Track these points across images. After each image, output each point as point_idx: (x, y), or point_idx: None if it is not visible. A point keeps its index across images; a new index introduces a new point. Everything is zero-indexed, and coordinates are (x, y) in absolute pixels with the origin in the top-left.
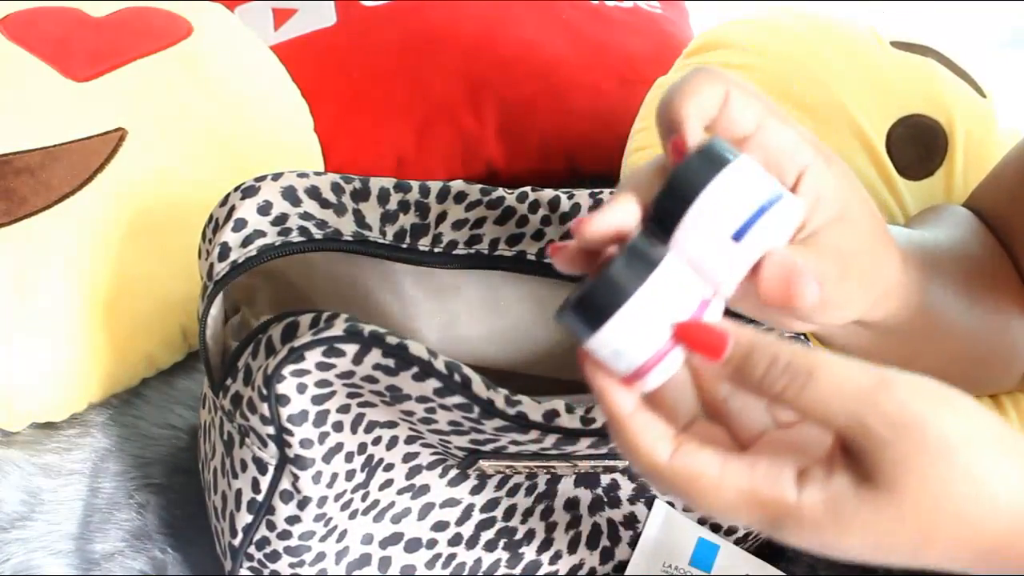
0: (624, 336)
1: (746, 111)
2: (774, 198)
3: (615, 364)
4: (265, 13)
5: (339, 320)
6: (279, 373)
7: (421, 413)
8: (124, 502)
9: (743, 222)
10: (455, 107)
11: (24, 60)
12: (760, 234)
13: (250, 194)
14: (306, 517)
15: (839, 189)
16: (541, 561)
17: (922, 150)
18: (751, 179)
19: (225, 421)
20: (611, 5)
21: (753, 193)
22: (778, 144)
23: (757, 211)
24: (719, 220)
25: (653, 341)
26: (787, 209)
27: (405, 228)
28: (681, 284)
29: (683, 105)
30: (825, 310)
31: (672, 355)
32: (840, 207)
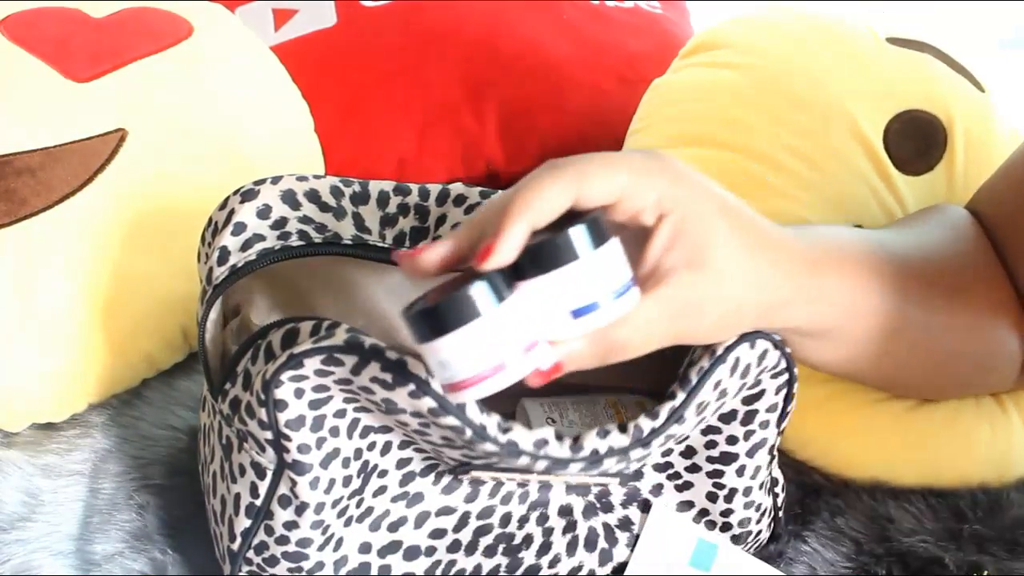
0: (452, 353)
1: (600, 198)
2: (620, 290)
3: (439, 372)
4: (265, 13)
5: (340, 330)
6: (278, 378)
7: (415, 426)
8: (124, 503)
9: (584, 305)
10: (455, 107)
11: (24, 60)
12: (595, 319)
13: (249, 198)
14: (304, 523)
15: (696, 234)
16: (540, 565)
17: (921, 145)
18: (607, 267)
19: (224, 425)
20: (611, 5)
21: (603, 282)
22: (637, 206)
23: (598, 302)
24: (566, 296)
25: (476, 364)
26: (625, 304)
27: (405, 231)
28: (516, 324)
29: (514, 219)
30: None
31: (489, 382)
32: (693, 251)
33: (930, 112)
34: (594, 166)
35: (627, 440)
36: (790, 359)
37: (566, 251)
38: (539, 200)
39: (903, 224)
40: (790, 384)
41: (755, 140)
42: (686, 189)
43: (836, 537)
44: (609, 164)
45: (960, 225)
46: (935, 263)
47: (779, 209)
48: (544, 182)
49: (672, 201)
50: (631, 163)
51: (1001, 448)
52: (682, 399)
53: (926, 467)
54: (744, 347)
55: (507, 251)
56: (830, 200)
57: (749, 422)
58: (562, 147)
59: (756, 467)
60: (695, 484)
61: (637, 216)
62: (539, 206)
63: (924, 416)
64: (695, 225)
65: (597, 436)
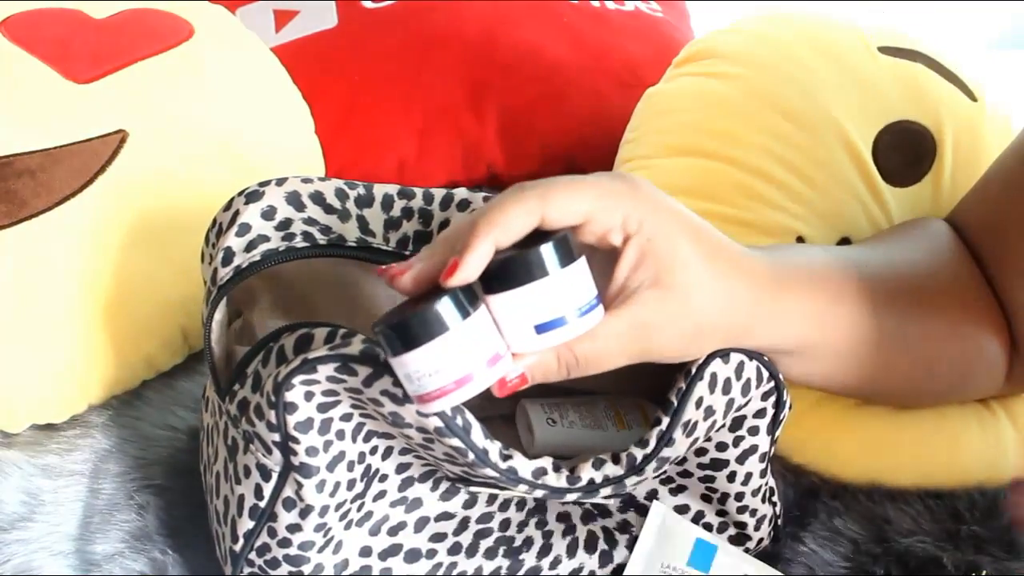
0: (420, 366)
1: (565, 220)
2: (584, 308)
3: (407, 384)
4: (266, 15)
5: (356, 339)
6: (289, 382)
7: (419, 440)
8: (124, 503)
9: (548, 321)
10: (456, 109)
11: (25, 62)
12: (559, 335)
13: (254, 199)
14: (307, 526)
15: (662, 254)
16: (541, 566)
17: (910, 156)
18: (573, 285)
19: (230, 426)
20: (612, 8)
21: (568, 300)
22: (603, 227)
23: (563, 318)
24: (531, 312)
25: (443, 377)
26: (589, 321)
27: (408, 235)
28: (482, 337)
29: (480, 237)
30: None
31: (455, 394)
32: (658, 271)
33: (920, 123)
34: (558, 189)
35: (621, 470)
36: (771, 367)
37: (533, 268)
38: (504, 220)
39: (881, 238)
40: (778, 391)
41: (746, 151)
42: (652, 211)
43: (834, 538)
44: (574, 188)
45: (938, 237)
46: (912, 276)
47: (769, 221)
48: (509, 203)
49: (638, 223)
50: (597, 187)
51: (991, 449)
52: (667, 422)
53: (919, 468)
54: (717, 362)
55: (471, 268)
56: (820, 212)
57: (737, 428)
58: (562, 149)
59: (747, 473)
60: (688, 487)
61: (605, 237)
62: (504, 225)
63: (913, 419)
64: (661, 245)
65: (592, 467)
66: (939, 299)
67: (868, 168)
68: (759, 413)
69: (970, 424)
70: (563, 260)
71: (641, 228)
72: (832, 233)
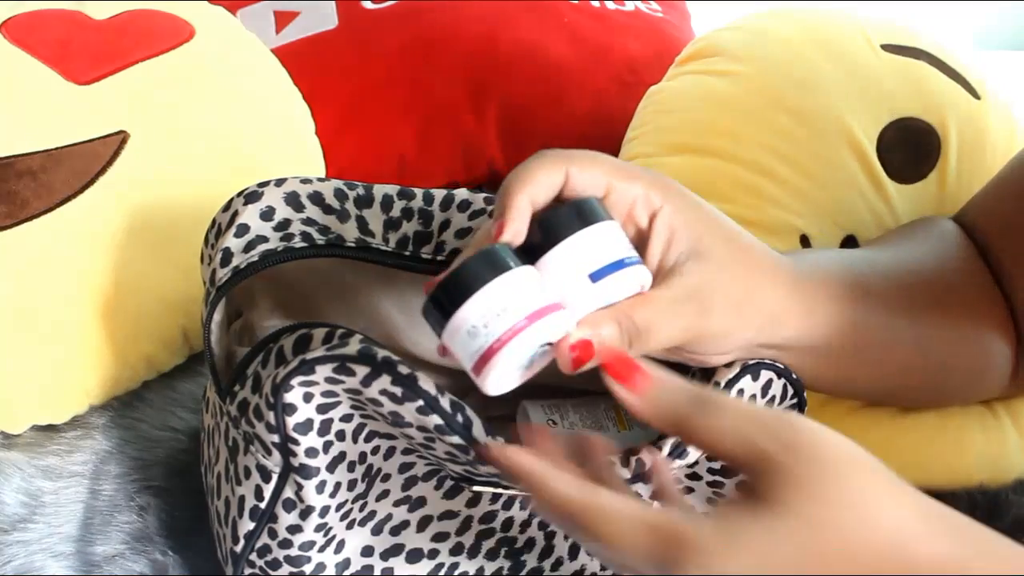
0: (482, 313)
1: (589, 182)
2: (632, 260)
3: (468, 348)
4: (267, 16)
5: (354, 339)
6: (288, 383)
7: (420, 439)
8: (125, 504)
9: (602, 267)
10: (456, 109)
11: (26, 63)
12: (614, 283)
13: (253, 199)
14: (308, 527)
15: (691, 226)
16: (543, 567)
17: (914, 153)
18: (617, 238)
19: (231, 427)
20: (612, 8)
21: (614, 249)
22: (628, 199)
23: (616, 263)
24: (583, 261)
25: (506, 320)
26: (640, 273)
27: (408, 235)
28: (539, 286)
29: (515, 194)
30: (702, 342)
31: (520, 340)
32: (692, 242)
33: (924, 120)
34: (580, 153)
35: (628, 473)
36: (797, 384)
37: (571, 220)
38: (532, 176)
39: (891, 238)
40: (799, 408)
41: (749, 149)
42: (672, 191)
43: None
44: (593, 155)
45: (948, 238)
46: (923, 277)
47: (773, 218)
48: (533, 163)
49: (659, 197)
50: (615, 162)
51: (994, 451)
52: None
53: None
54: (747, 379)
55: (516, 222)
56: (824, 210)
57: None
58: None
59: None
60: (695, 490)
61: (631, 215)
62: (533, 180)
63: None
64: (688, 219)
65: None
66: (951, 302)
67: (873, 165)
68: None
69: (973, 426)
70: (596, 215)
71: (664, 205)
72: (837, 231)
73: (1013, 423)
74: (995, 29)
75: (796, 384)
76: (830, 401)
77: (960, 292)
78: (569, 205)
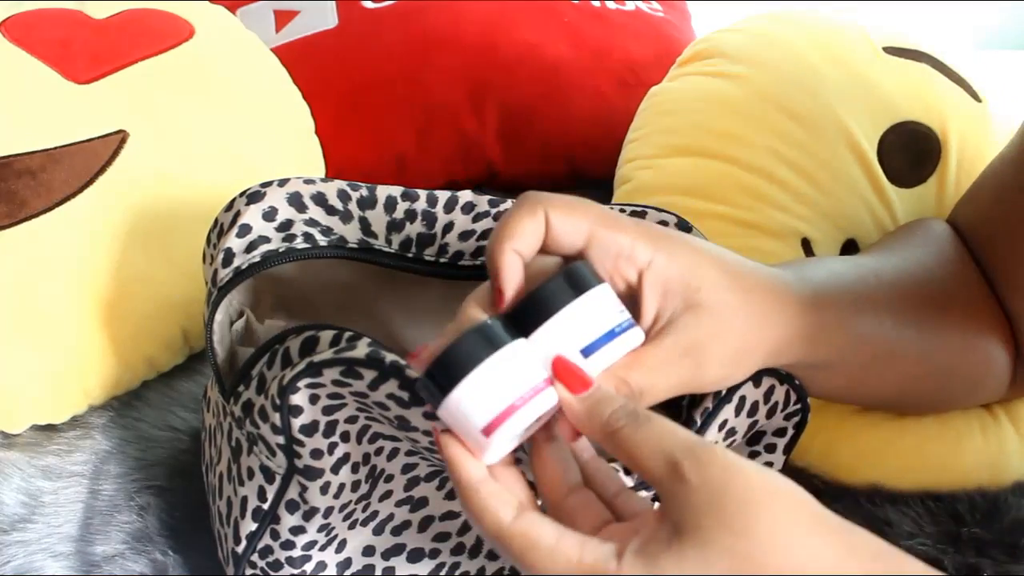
0: (475, 395)
1: (571, 229)
2: (624, 326)
3: (464, 424)
4: (267, 15)
5: (361, 343)
6: (295, 385)
7: (425, 443)
8: (125, 504)
9: (594, 340)
10: (456, 109)
11: (25, 62)
12: (606, 354)
13: (256, 200)
14: (311, 528)
15: (685, 276)
16: None
17: (914, 157)
18: (606, 305)
19: (234, 427)
20: (613, 8)
21: (606, 318)
22: (612, 250)
23: (607, 334)
24: (573, 337)
25: (497, 404)
26: (631, 337)
27: (411, 237)
28: (532, 362)
29: (503, 253)
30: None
31: (516, 418)
32: (688, 294)
33: (925, 124)
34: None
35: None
36: (800, 391)
37: (560, 293)
38: (515, 226)
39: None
40: (803, 412)
41: (750, 152)
42: (662, 241)
43: None
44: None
45: (943, 241)
46: (925, 285)
47: (774, 222)
48: (514, 211)
49: (649, 249)
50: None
51: (993, 452)
52: None
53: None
54: (748, 386)
55: (510, 281)
56: (825, 213)
57: (755, 443)
58: (562, 149)
59: None
60: None
61: (618, 269)
62: (518, 232)
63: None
64: (681, 272)
65: None
66: (953, 310)
67: (873, 169)
68: (779, 432)
69: (972, 428)
70: (583, 283)
71: (654, 257)
72: (838, 234)
73: (1012, 425)
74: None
75: (799, 390)
76: (827, 404)
77: (961, 299)
78: (558, 277)
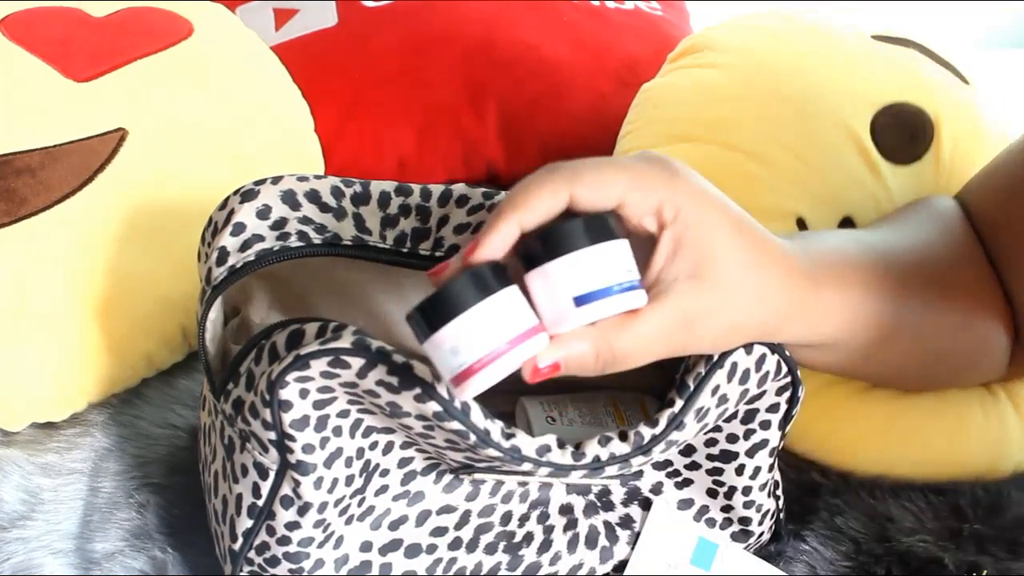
0: (460, 337)
1: (599, 201)
2: (626, 286)
3: (450, 361)
4: (266, 13)
5: (347, 332)
6: (283, 379)
7: (419, 429)
8: (124, 501)
9: (589, 291)
10: (456, 108)
11: (25, 60)
12: (598, 309)
13: (249, 198)
14: (306, 523)
15: (700, 244)
16: (541, 563)
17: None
18: (614, 261)
19: (226, 425)
20: (612, 7)
21: (610, 274)
22: (641, 210)
23: (605, 289)
24: (570, 283)
25: (482, 347)
26: (631, 300)
27: (406, 232)
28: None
29: (504, 218)
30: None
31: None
32: (697, 262)
33: (916, 104)
34: (589, 171)
35: (628, 448)
36: (790, 362)
37: (568, 239)
38: (528, 201)
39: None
40: (794, 386)
41: (742, 135)
42: (690, 199)
43: (835, 536)
44: (606, 171)
45: (949, 219)
46: (929, 263)
47: (768, 203)
48: (534, 185)
49: (674, 211)
50: (632, 170)
51: (994, 433)
52: (680, 406)
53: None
54: (740, 352)
55: (489, 247)
56: (819, 192)
57: (749, 421)
58: (561, 148)
59: (756, 467)
60: (695, 481)
61: (640, 223)
62: (528, 207)
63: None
64: (698, 236)
65: (598, 443)
66: (955, 288)
67: (866, 146)
68: (772, 408)
69: (972, 407)
70: (600, 235)
71: (677, 217)
72: (832, 213)
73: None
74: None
75: (789, 362)
76: (826, 386)
77: (965, 280)
78: (576, 221)
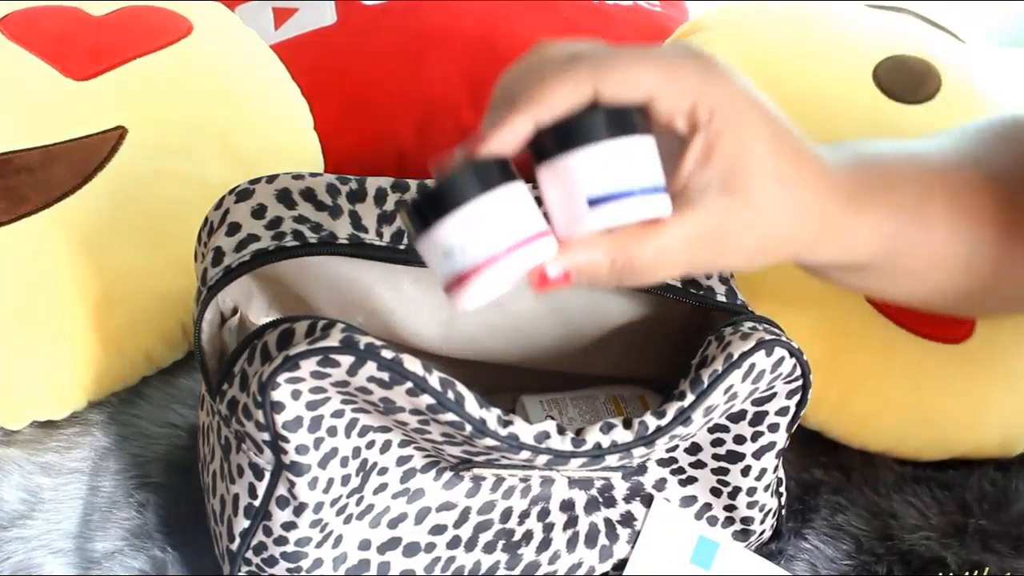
0: (456, 236)
1: (628, 94)
2: (647, 189)
3: (444, 264)
4: (265, 12)
5: (335, 330)
6: (274, 380)
7: (414, 424)
8: (124, 501)
9: (606, 193)
10: (455, 105)
11: (24, 59)
12: (616, 213)
13: (244, 197)
14: (302, 523)
15: (735, 154)
16: (540, 562)
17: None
18: (636, 159)
19: (222, 425)
20: (611, 3)
21: (631, 174)
22: (672, 108)
23: (623, 192)
24: (585, 181)
25: (483, 248)
26: (653, 206)
27: (402, 229)
28: (515, 214)
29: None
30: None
31: (484, 276)
32: (729, 173)
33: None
34: (618, 62)
35: (631, 436)
36: (805, 367)
37: (589, 130)
38: (545, 96)
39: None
40: (804, 390)
41: None
42: (727, 100)
43: (837, 534)
44: (636, 62)
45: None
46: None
47: None
48: (554, 77)
49: (709, 112)
50: (665, 63)
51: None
52: (691, 401)
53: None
54: (760, 354)
55: (502, 140)
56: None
57: (758, 423)
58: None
59: (762, 469)
60: (699, 479)
61: (670, 122)
62: (545, 102)
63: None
64: (733, 143)
65: (600, 431)
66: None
67: (870, 88)
68: (782, 411)
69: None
70: (622, 128)
71: (712, 119)
72: None
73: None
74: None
75: (805, 366)
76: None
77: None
78: (597, 112)
